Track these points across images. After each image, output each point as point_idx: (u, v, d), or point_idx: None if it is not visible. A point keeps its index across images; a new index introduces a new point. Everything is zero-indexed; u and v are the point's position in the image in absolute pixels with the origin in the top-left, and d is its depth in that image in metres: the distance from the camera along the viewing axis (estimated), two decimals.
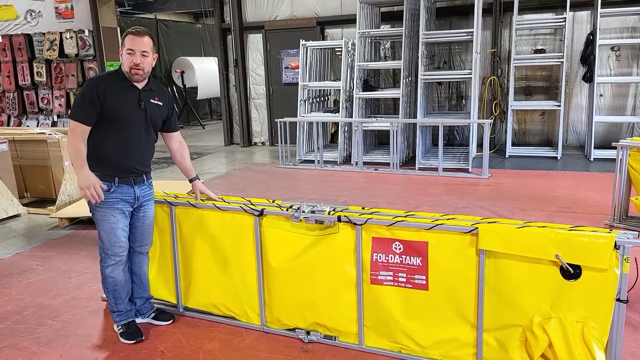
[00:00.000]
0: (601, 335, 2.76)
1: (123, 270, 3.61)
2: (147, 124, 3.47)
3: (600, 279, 2.71)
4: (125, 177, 3.42)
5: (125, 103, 3.35)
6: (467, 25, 9.22)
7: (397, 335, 3.28)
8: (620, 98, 9.35)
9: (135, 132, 3.42)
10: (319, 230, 3.35)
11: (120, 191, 3.42)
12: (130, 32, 3.33)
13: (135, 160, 3.46)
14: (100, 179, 3.32)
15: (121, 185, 3.41)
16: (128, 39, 3.30)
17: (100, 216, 3.43)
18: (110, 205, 3.40)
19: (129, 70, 3.32)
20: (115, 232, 3.45)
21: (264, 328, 3.67)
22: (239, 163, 10.13)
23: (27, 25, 12.39)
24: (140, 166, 3.51)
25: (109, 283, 3.60)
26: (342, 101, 9.46)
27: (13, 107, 12.99)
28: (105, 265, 3.56)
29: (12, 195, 6.79)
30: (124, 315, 3.68)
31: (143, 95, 3.42)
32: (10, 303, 4.30)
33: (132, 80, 3.37)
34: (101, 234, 3.48)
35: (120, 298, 3.64)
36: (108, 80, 3.35)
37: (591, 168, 8.26)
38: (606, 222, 5.49)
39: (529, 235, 2.83)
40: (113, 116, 3.31)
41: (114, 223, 3.44)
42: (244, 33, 11.62)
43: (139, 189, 3.52)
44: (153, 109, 3.48)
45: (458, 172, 8.27)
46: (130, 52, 3.29)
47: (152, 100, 3.47)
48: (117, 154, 3.37)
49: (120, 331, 3.65)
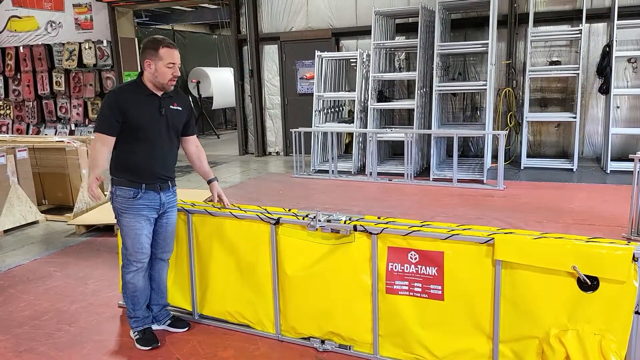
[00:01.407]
0: (619, 349, 2.74)
1: (144, 277, 3.66)
2: (168, 130, 3.54)
3: (618, 291, 2.69)
4: (151, 184, 3.48)
5: (147, 112, 3.43)
6: (482, 37, 9.23)
7: (412, 345, 3.27)
8: (637, 110, 9.28)
9: (159, 138, 3.48)
10: (335, 240, 3.36)
11: (146, 197, 3.47)
12: (163, 44, 3.37)
13: (160, 165, 3.53)
14: (128, 186, 3.42)
15: (148, 191, 3.47)
16: (166, 52, 3.35)
17: (126, 222, 3.48)
18: (137, 212, 3.46)
19: (167, 82, 3.40)
20: (139, 239, 3.50)
21: (279, 336, 3.68)
22: (253, 172, 10.18)
23: (47, 35, 12.63)
24: (165, 172, 3.57)
25: (128, 289, 3.64)
26: (356, 112, 9.49)
27: (32, 115, 13.21)
28: (127, 271, 3.60)
29: (30, 202, 6.88)
30: (140, 322, 3.71)
31: (163, 102, 3.49)
32: (28, 308, 4.36)
33: (162, 90, 3.46)
34: (125, 240, 3.53)
35: (138, 304, 3.67)
36: (128, 92, 3.44)
37: (608, 180, 8.18)
38: (623, 235, 5.43)
39: (545, 246, 2.82)
40: (136, 125, 3.39)
41: (139, 229, 3.48)
42: (260, 44, 11.73)
43: (165, 196, 3.57)
44: (173, 115, 3.55)
45: (472, 183, 8.25)
46: (171, 66, 3.37)
47: (172, 106, 3.54)
48: (142, 161, 3.44)
49: (137, 337, 3.68)
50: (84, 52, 12.33)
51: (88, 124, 12.74)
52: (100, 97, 12.47)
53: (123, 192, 3.44)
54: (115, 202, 3.50)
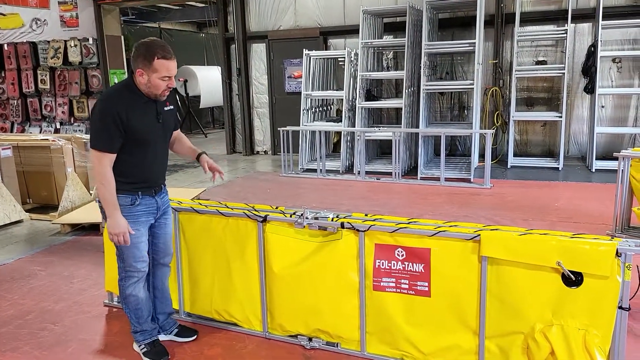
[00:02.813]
0: (603, 343, 2.76)
1: (144, 287, 3.45)
2: (165, 135, 3.39)
3: (602, 286, 2.72)
4: (147, 189, 3.31)
5: (147, 121, 3.19)
6: (469, 37, 9.28)
7: (399, 342, 3.28)
8: (622, 109, 9.38)
9: (158, 146, 3.33)
10: (322, 237, 3.36)
11: (143, 203, 3.29)
12: (160, 55, 3.04)
13: (158, 172, 3.40)
14: (124, 193, 3.20)
15: (144, 197, 3.29)
16: (161, 65, 3.05)
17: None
18: (135, 219, 3.26)
19: (159, 93, 3.14)
20: (139, 246, 3.31)
21: (266, 334, 3.68)
22: (241, 172, 10.15)
23: (32, 33, 12.49)
24: (162, 177, 3.45)
25: (130, 302, 3.41)
26: (344, 110, 9.49)
27: (17, 114, 13.06)
28: (126, 285, 3.38)
29: (15, 201, 6.81)
30: (148, 334, 3.49)
31: (159, 107, 3.27)
32: (12, 307, 4.31)
33: (156, 99, 3.20)
34: (123, 250, 3.30)
35: (142, 317, 3.46)
36: (126, 101, 3.11)
37: (593, 179, 8.26)
38: (608, 232, 5.49)
39: (530, 242, 2.84)
40: (137, 137, 3.14)
41: (138, 237, 3.29)
42: (248, 42, 11.70)
43: (160, 199, 3.41)
44: (167, 117, 3.36)
45: (460, 182, 8.29)
46: (166, 79, 3.10)
47: (166, 107, 3.34)
48: (140, 168, 3.25)
49: (144, 350, 3.47)
50: (70, 50, 12.20)
51: (73, 123, 12.61)
52: (85, 95, 12.36)
53: (119, 200, 3.18)
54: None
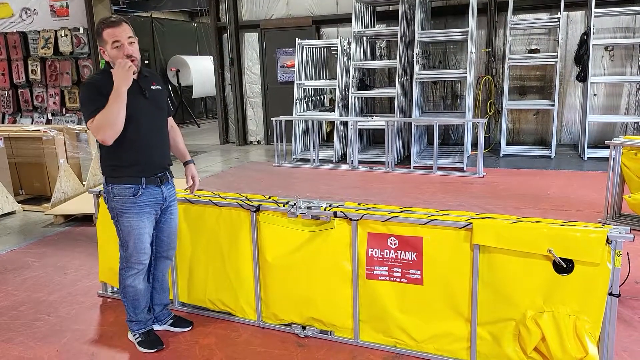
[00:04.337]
0: (594, 329, 2.80)
1: (144, 279, 3.42)
2: (156, 112, 3.30)
3: (592, 273, 2.75)
4: (152, 176, 3.22)
5: (130, 98, 3.03)
6: (462, 25, 9.28)
7: (392, 329, 3.30)
8: (614, 97, 9.42)
9: (150, 123, 3.23)
10: (315, 226, 3.37)
11: (148, 193, 3.21)
12: (104, 24, 3.03)
13: (158, 152, 3.30)
14: (127, 183, 3.15)
15: (149, 186, 3.21)
16: (108, 32, 3.01)
17: (127, 222, 3.20)
18: (139, 210, 3.20)
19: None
20: (142, 238, 3.25)
21: (260, 323, 3.69)
22: (234, 162, 10.14)
23: (22, 23, 12.37)
24: (164, 159, 3.35)
25: (128, 293, 3.38)
26: (337, 100, 9.48)
27: (8, 105, 12.97)
28: (126, 276, 3.33)
29: (7, 193, 6.78)
30: (142, 324, 3.49)
31: (143, 84, 3.19)
32: (6, 299, 4.30)
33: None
34: (126, 241, 3.24)
35: (139, 308, 3.44)
36: (103, 80, 3.04)
37: (585, 167, 8.32)
38: (599, 220, 5.54)
39: (522, 230, 2.86)
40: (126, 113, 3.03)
41: (142, 228, 3.23)
42: (240, 32, 11.64)
43: (166, 189, 3.33)
44: (156, 94, 3.29)
45: (453, 171, 8.31)
46: (117, 46, 3.02)
47: (152, 86, 3.26)
48: (140, 151, 3.17)
49: (138, 340, 3.47)
50: (60, 40, 12.11)
51: (65, 113, 12.54)
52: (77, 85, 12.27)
53: (122, 191, 3.15)
54: (113, 202, 3.20)
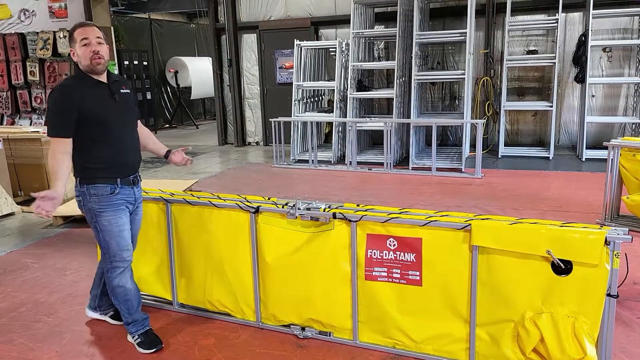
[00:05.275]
0: (592, 330, 2.81)
1: (130, 277, 3.46)
2: (127, 116, 3.38)
3: (591, 274, 2.76)
4: (126, 177, 3.31)
5: (101, 101, 3.19)
6: (460, 26, 9.29)
7: (391, 330, 3.31)
8: (612, 99, 9.45)
9: (122, 127, 3.31)
10: (314, 227, 3.38)
11: (123, 192, 3.30)
12: (76, 25, 3.19)
13: (132, 154, 3.37)
14: (103, 183, 3.22)
15: (123, 186, 3.30)
16: (78, 32, 3.15)
17: (107, 221, 3.26)
18: (117, 207, 3.27)
19: (90, 62, 3.13)
20: (123, 235, 3.31)
21: (259, 324, 3.70)
22: (233, 163, 10.14)
23: (20, 24, 12.34)
24: (137, 161, 3.43)
25: (118, 294, 3.42)
26: (336, 101, 9.49)
27: (6, 106, 12.93)
28: (113, 276, 3.38)
29: (6, 194, 6.78)
30: (139, 325, 3.51)
31: (113, 87, 3.27)
32: (6, 300, 4.31)
33: (95, 72, 3.19)
34: (108, 241, 3.30)
35: (133, 307, 3.47)
36: (76, 86, 3.17)
37: (583, 168, 8.33)
38: (597, 221, 5.55)
39: (520, 231, 2.87)
40: (96, 118, 3.16)
41: (122, 225, 3.31)
42: (238, 33, 11.64)
43: (137, 190, 3.44)
44: (126, 98, 3.37)
45: (451, 172, 8.33)
46: (86, 43, 3.11)
47: (122, 90, 3.34)
48: (114, 154, 3.25)
49: (138, 341, 3.48)
50: (59, 41, 12.07)
51: None
52: None
53: (98, 190, 3.22)
54: (89, 202, 3.25)
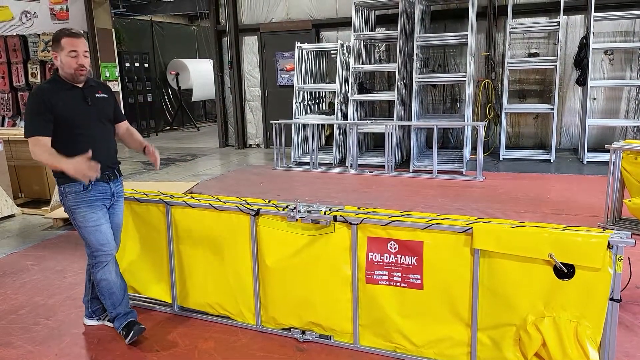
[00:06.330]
0: (595, 335, 2.79)
1: (115, 270, 3.54)
2: (100, 119, 3.47)
3: (593, 278, 2.74)
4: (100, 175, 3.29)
5: (74, 105, 3.34)
6: (461, 29, 9.28)
7: (392, 334, 3.29)
8: (614, 101, 9.43)
9: (94, 129, 3.41)
10: (315, 230, 3.36)
11: (97, 189, 3.39)
12: (65, 34, 3.30)
13: (104, 155, 3.41)
14: (76, 181, 3.27)
15: (97, 182, 3.37)
16: (67, 41, 3.28)
17: (81, 217, 3.37)
18: (90, 203, 3.38)
19: (73, 72, 3.30)
20: (100, 229, 3.40)
21: (260, 327, 3.68)
22: (233, 165, 10.13)
23: (22, 26, 12.35)
24: (110, 160, 3.49)
25: (102, 288, 3.51)
26: (337, 103, 9.48)
27: (7, 108, 12.95)
28: (95, 271, 3.49)
29: (6, 196, 6.77)
30: (122, 318, 3.57)
31: (87, 92, 3.41)
32: (5, 302, 4.29)
33: (76, 82, 3.37)
34: (86, 237, 3.42)
35: (118, 300, 3.54)
36: (50, 89, 3.32)
37: (584, 171, 8.31)
38: (599, 224, 5.52)
39: (523, 234, 2.85)
40: (68, 121, 3.29)
41: (97, 220, 3.39)
42: (239, 35, 11.64)
43: (114, 185, 3.52)
44: (101, 103, 3.48)
45: (452, 174, 8.31)
46: (74, 55, 3.27)
47: (97, 94, 3.47)
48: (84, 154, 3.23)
49: (124, 334, 3.55)
50: None
51: None
52: None
53: (72, 188, 3.34)
54: (66, 201, 3.38)
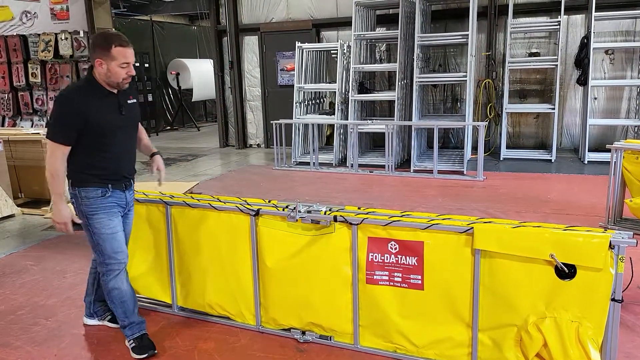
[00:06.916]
0: (596, 335, 2.77)
1: (126, 279, 3.44)
2: (130, 128, 3.41)
3: (595, 278, 2.73)
4: (117, 182, 3.33)
5: (109, 115, 3.22)
6: (462, 28, 9.26)
7: (392, 335, 3.28)
8: (614, 101, 9.41)
9: (123, 138, 3.34)
10: (315, 230, 3.35)
11: (114, 196, 3.32)
12: (116, 42, 3.11)
13: (126, 165, 3.40)
14: (95, 185, 3.23)
15: (114, 190, 3.31)
16: (119, 51, 3.10)
17: (98, 224, 3.27)
18: (108, 210, 3.29)
19: (120, 81, 3.18)
20: (116, 237, 3.31)
21: (259, 328, 3.67)
22: (234, 165, 10.12)
23: (22, 26, 12.35)
24: (131, 171, 3.46)
25: (114, 297, 3.41)
26: (337, 103, 9.47)
27: (7, 108, 12.93)
28: (108, 279, 3.37)
29: (6, 196, 6.76)
30: (136, 328, 3.48)
31: (121, 99, 3.29)
32: (4, 303, 4.28)
33: (118, 88, 3.23)
34: (101, 244, 3.30)
35: (129, 310, 3.45)
36: (86, 95, 3.17)
37: (585, 171, 8.29)
38: (601, 224, 5.51)
39: (524, 235, 2.84)
40: (100, 131, 3.17)
41: (114, 227, 3.31)
42: (240, 35, 11.63)
43: (129, 194, 3.45)
44: (132, 110, 3.39)
45: (453, 174, 8.29)
46: (125, 66, 3.14)
47: (129, 100, 3.36)
48: (110, 164, 3.28)
49: (132, 346, 3.45)
50: (60, 43, 12.08)
51: None
52: None
53: (89, 193, 3.23)
54: (82, 205, 3.26)
